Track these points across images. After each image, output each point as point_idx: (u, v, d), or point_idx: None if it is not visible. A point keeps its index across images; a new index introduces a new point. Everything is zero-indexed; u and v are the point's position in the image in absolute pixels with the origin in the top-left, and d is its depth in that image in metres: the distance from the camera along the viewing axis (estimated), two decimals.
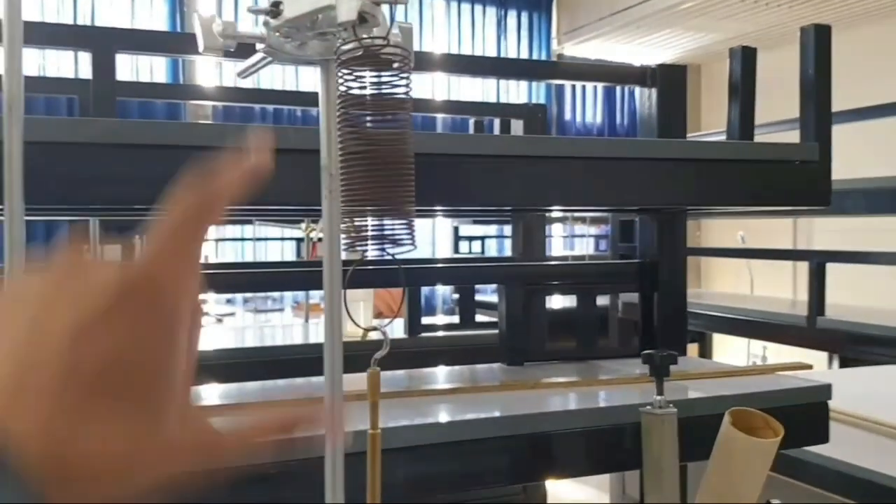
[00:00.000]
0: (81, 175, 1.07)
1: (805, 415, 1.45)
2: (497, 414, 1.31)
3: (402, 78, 0.84)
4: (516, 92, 6.61)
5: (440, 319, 3.55)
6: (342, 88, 0.85)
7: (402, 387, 1.52)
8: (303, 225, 3.09)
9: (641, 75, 1.86)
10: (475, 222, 5.82)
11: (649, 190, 1.46)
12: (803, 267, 2.81)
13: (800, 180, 1.54)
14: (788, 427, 1.24)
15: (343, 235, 0.75)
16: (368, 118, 0.84)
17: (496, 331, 1.86)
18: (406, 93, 0.86)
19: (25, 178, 0.92)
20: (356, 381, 1.32)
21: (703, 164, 1.49)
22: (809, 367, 1.64)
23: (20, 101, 0.91)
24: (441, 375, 1.70)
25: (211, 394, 1.48)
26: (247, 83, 6.15)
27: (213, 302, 5.86)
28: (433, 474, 1.25)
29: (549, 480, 2.30)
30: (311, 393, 1.47)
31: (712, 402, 1.35)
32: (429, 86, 6.06)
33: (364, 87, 0.84)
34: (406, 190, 0.79)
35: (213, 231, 5.53)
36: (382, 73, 0.83)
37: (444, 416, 1.32)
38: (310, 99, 3.24)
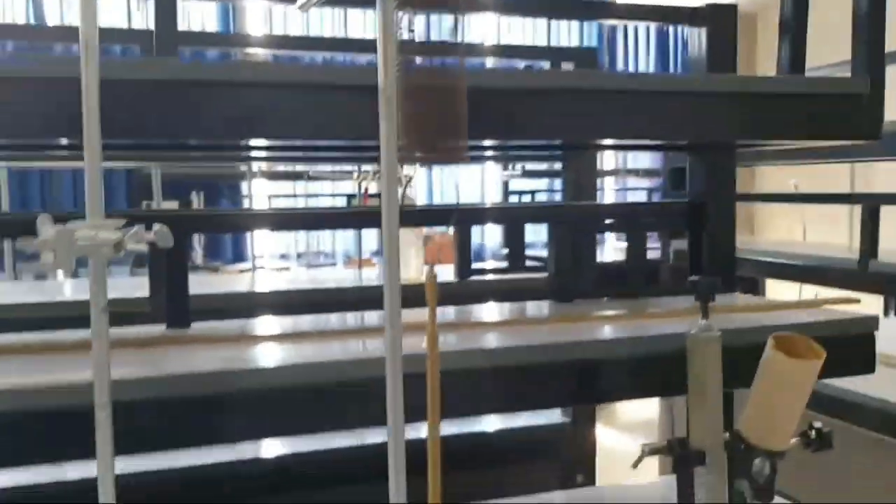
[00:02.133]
0: (152, 112, 1.14)
1: (851, 344, 1.48)
2: (547, 341, 1.36)
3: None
4: (567, 39, 6.56)
5: (489, 265, 3.57)
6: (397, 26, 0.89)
7: (452, 320, 1.58)
8: (354, 174, 3.15)
9: (692, 15, 1.87)
10: (524, 175, 5.83)
11: (699, 124, 1.48)
12: (858, 217, 2.78)
13: (850, 114, 1.54)
14: (834, 356, 1.27)
15: (400, 141, 0.79)
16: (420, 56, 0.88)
17: (545, 274, 1.90)
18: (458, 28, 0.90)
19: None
20: (409, 315, 1.38)
21: (752, 98, 1.50)
22: (857, 301, 1.65)
23: (95, 39, 0.97)
24: (491, 310, 1.75)
25: (268, 325, 1.55)
26: (296, 30, 6.22)
27: (267, 257, 6.02)
28: (484, 397, 1.31)
29: (598, 405, 2.34)
30: (362, 326, 1.53)
31: (757, 331, 1.38)
32: (479, 30, 6.07)
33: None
34: (460, 114, 0.83)
35: (266, 187, 5.63)
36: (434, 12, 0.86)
37: (494, 343, 1.38)
38: (357, 45, 3.28)
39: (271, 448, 2.15)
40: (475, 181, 7.09)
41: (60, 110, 1.07)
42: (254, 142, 1.55)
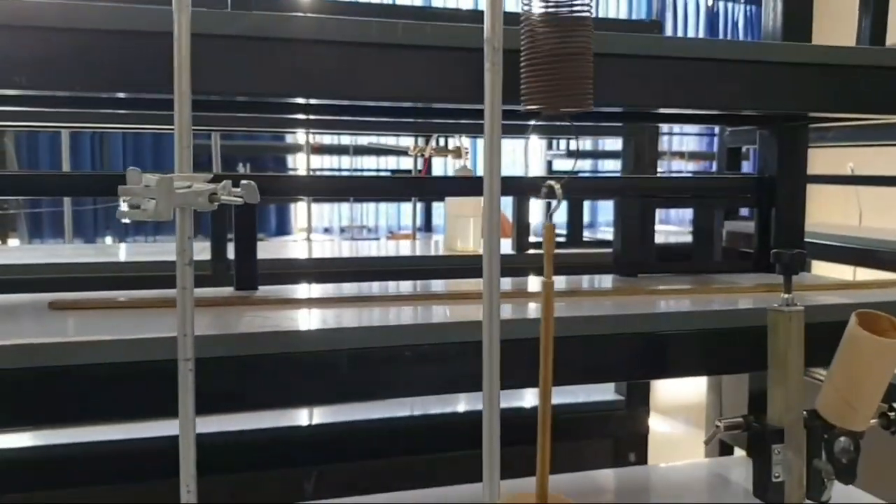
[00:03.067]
0: (232, 66, 1.13)
1: None
2: (614, 312, 1.34)
3: None
4: (616, 11, 6.48)
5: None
6: None
7: (512, 289, 1.56)
8: (409, 147, 3.13)
9: None
10: (568, 155, 5.77)
11: (771, 94, 1.44)
12: None
13: None
14: None
15: (523, 87, 0.78)
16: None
17: (607, 249, 1.88)
18: None
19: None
20: (464, 285, 1.36)
21: (831, 70, 1.46)
22: None
23: None
24: (556, 283, 1.73)
25: (310, 290, 1.55)
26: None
27: (311, 231, 6.05)
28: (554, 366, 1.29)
29: (663, 380, 2.32)
30: (399, 293, 1.51)
31: (838, 308, 1.35)
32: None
33: None
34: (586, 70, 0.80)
35: (312, 160, 5.64)
36: None
37: (558, 313, 1.36)
38: (428, 15, 3.25)
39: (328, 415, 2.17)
40: (518, 161, 7.04)
41: (143, 63, 1.07)
42: (321, 107, 1.54)
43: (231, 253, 1.60)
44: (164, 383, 1.00)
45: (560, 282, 1.79)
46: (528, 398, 2.25)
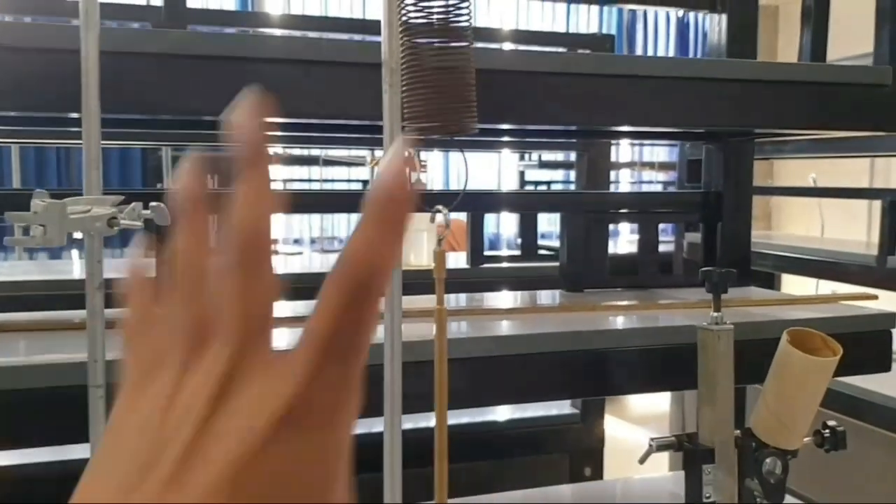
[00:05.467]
0: (153, 85, 1.11)
1: (867, 342, 1.44)
2: (555, 330, 1.34)
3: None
4: (586, 27, 6.52)
5: (503, 253, 3.55)
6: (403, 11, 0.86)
7: (460, 306, 1.56)
8: (367, 158, 3.12)
9: (712, 0, 1.83)
10: (541, 165, 5.79)
11: (716, 111, 1.44)
12: (878, 213, 2.73)
13: (871, 105, 1.50)
14: (850, 353, 1.23)
15: (405, 111, 0.77)
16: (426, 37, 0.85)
17: (558, 263, 1.87)
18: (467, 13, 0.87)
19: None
20: (418, 302, 1.35)
21: (772, 86, 1.46)
22: (875, 297, 1.61)
23: (96, 7, 0.95)
24: (500, 298, 1.73)
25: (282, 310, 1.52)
26: (314, 9, 6.20)
27: (280, 242, 6.01)
28: (491, 385, 1.28)
29: (608, 397, 2.32)
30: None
31: (771, 325, 1.35)
32: (495, 16, 6.04)
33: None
34: (469, 92, 0.80)
35: (280, 171, 5.62)
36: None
37: (502, 331, 1.35)
38: (375, 28, 3.25)
39: None
40: (492, 171, 7.06)
41: (63, 83, 1.05)
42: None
43: None
44: (75, 409, 0.97)
45: (505, 298, 1.78)
46: (480, 414, 2.24)
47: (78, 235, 0.93)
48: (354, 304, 0.28)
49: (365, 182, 5.70)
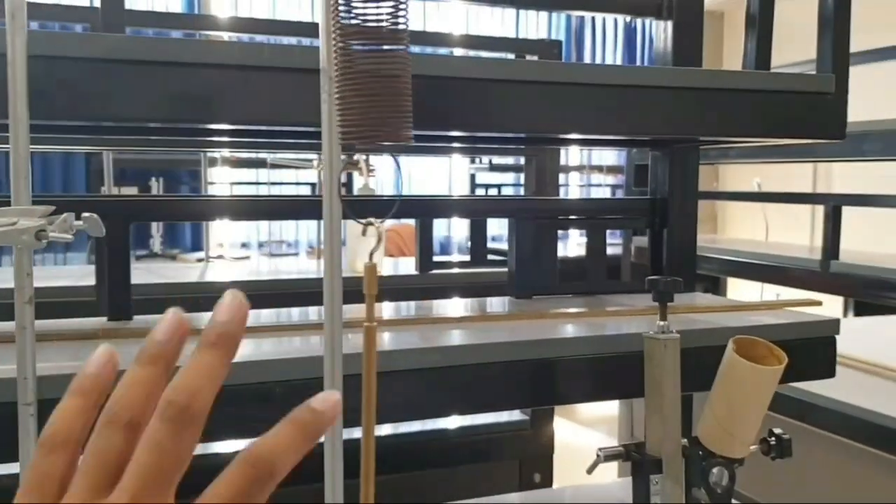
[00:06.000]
0: (87, 91, 1.07)
1: (812, 348, 1.45)
2: (502, 339, 1.32)
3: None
4: (535, 33, 6.56)
5: (453, 258, 3.54)
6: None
7: (408, 315, 1.53)
8: (315, 161, 3.08)
9: (657, 7, 1.83)
10: (491, 169, 5.82)
11: (660, 119, 1.44)
12: (821, 216, 2.78)
13: (815, 112, 1.52)
14: (795, 360, 1.24)
15: (339, 126, 0.75)
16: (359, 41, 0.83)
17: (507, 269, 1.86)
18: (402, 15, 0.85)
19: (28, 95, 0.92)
20: (362, 311, 1.32)
21: (716, 93, 1.46)
22: (819, 303, 1.63)
23: (23, 9, 0.91)
24: (448, 306, 1.71)
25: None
26: (262, 13, 6.14)
27: (227, 246, 5.93)
28: (438, 397, 1.26)
29: (556, 406, 2.32)
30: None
31: (717, 332, 1.35)
32: (445, 21, 6.03)
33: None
34: (404, 101, 0.78)
35: (228, 174, 5.54)
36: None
37: (449, 341, 1.33)
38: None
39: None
40: (442, 174, 7.07)
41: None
42: (205, 126, 1.49)
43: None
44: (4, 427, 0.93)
45: (454, 305, 1.76)
46: (428, 423, 2.22)
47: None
48: (247, 496, 0.31)
49: (313, 185, 5.65)
